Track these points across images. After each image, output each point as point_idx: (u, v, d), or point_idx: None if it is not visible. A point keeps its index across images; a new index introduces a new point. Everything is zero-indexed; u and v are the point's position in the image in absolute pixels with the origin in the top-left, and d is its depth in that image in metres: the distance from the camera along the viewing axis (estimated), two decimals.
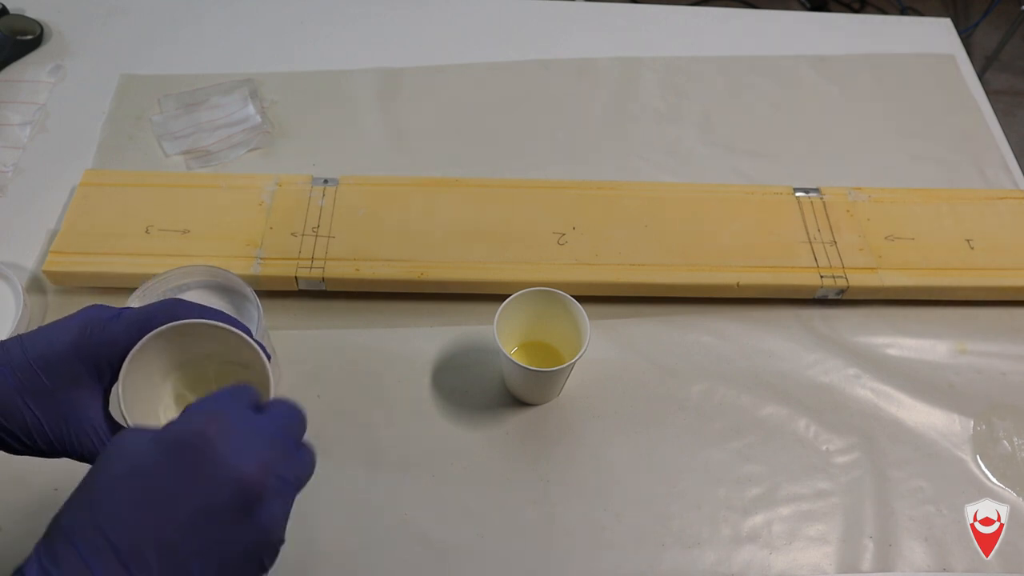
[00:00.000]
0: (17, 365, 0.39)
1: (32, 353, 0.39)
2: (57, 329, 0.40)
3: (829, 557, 0.57)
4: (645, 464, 0.60)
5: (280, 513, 0.35)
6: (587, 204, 0.71)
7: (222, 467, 0.33)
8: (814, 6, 2.13)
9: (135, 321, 0.40)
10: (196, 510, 0.33)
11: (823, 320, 0.69)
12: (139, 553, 0.32)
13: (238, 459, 0.33)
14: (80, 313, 0.41)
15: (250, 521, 0.34)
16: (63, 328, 0.40)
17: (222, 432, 0.34)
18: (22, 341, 0.40)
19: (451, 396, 0.63)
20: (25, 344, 0.40)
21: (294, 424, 0.38)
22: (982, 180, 0.80)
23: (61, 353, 0.39)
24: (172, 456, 0.33)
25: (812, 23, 0.97)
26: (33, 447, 0.40)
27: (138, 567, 0.31)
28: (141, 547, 0.32)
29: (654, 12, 0.97)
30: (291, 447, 0.37)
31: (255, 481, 0.33)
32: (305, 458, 0.37)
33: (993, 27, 2.01)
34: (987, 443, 0.63)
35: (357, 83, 0.86)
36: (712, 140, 0.82)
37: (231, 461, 0.33)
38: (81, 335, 0.40)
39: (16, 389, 0.39)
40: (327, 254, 0.66)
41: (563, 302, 0.59)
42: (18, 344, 0.40)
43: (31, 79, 0.84)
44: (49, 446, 0.40)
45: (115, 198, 0.70)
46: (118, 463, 0.34)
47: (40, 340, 0.40)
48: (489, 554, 0.56)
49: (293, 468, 0.36)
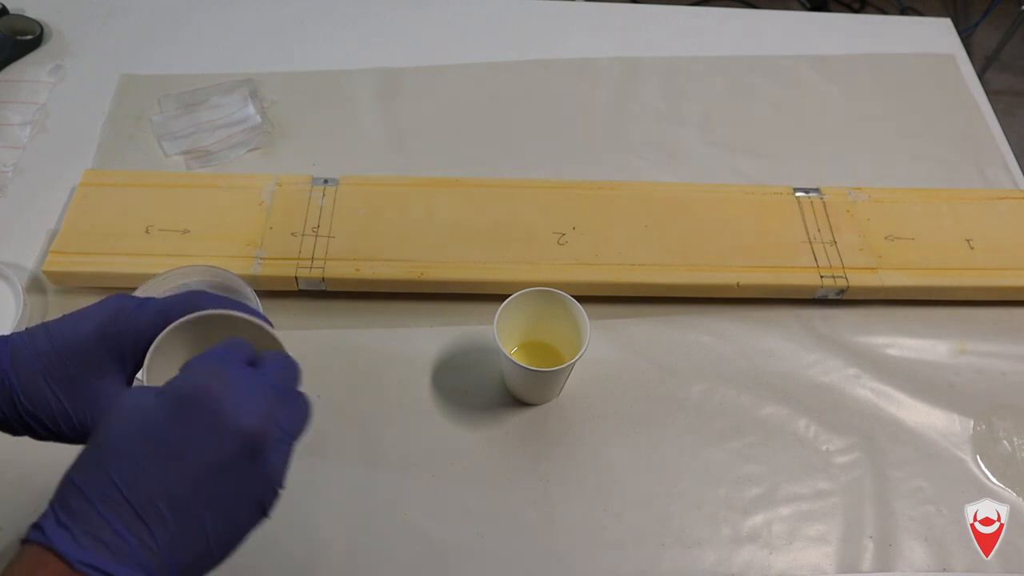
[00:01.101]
0: (42, 351, 0.40)
1: (57, 340, 0.40)
2: (82, 317, 0.41)
3: (829, 557, 0.57)
4: (645, 464, 0.60)
5: (281, 461, 0.37)
6: (587, 204, 0.71)
7: (226, 419, 0.34)
8: (814, 6, 2.13)
9: (159, 311, 0.41)
10: (203, 462, 0.34)
11: (823, 320, 0.69)
12: (153, 505, 0.33)
13: (240, 411, 0.35)
14: (105, 302, 0.42)
15: (254, 469, 0.35)
16: (88, 316, 0.41)
17: (223, 386, 0.35)
18: (47, 328, 0.41)
19: (451, 396, 0.63)
20: (50, 331, 0.40)
21: (290, 375, 0.39)
22: (982, 180, 0.80)
23: (86, 341, 0.40)
24: (178, 411, 0.34)
25: (812, 23, 0.97)
26: (58, 433, 0.41)
27: (153, 519, 0.33)
28: (154, 499, 0.33)
29: (654, 12, 0.97)
30: (288, 398, 0.38)
31: (257, 431, 0.35)
32: (301, 407, 0.39)
33: (993, 27, 2.01)
34: (987, 443, 0.63)
35: (357, 83, 0.86)
36: (712, 140, 0.82)
37: (234, 414, 0.34)
38: (106, 323, 0.40)
39: (42, 375, 0.39)
40: (327, 254, 0.66)
41: (563, 302, 0.59)
42: (43, 331, 0.41)
43: (31, 79, 0.84)
44: (73, 431, 0.40)
45: (115, 198, 0.70)
46: (126, 421, 0.35)
47: (65, 327, 0.41)
48: (489, 554, 0.56)
49: (291, 417, 0.38)
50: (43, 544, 0.32)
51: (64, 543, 0.32)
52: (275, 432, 0.36)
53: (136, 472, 0.33)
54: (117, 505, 0.32)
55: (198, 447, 0.34)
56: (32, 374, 0.39)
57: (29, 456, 0.57)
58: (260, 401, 0.36)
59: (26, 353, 0.40)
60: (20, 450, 0.57)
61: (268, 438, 0.35)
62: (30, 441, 0.41)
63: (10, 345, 0.40)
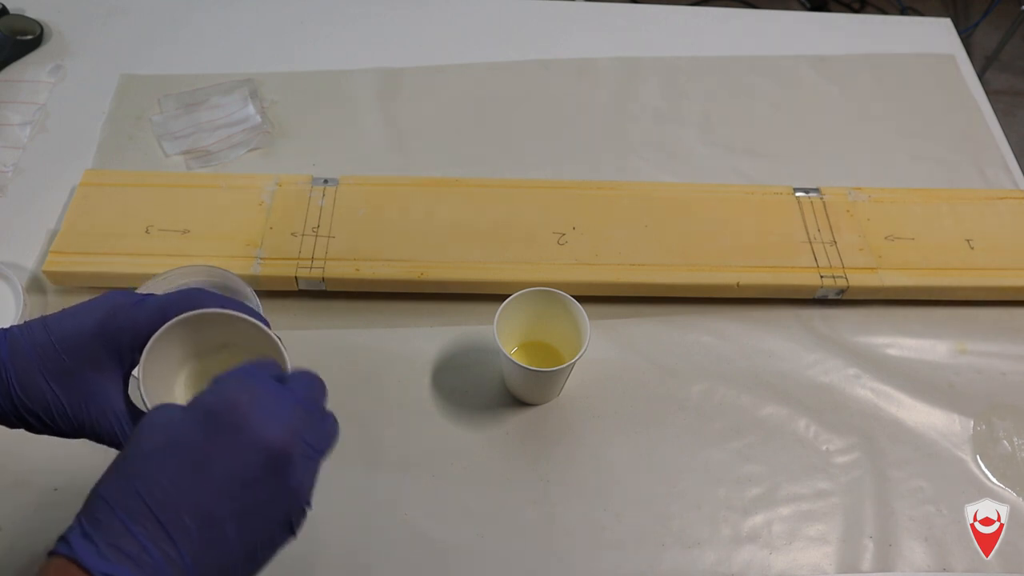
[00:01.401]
0: (40, 345, 0.40)
1: (55, 334, 0.40)
2: (80, 312, 0.41)
3: (829, 557, 0.57)
4: (645, 464, 0.60)
5: (308, 478, 0.37)
6: (587, 204, 0.71)
7: (253, 435, 0.34)
8: (814, 6, 2.13)
9: (157, 308, 0.41)
10: (231, 476, 0.34)
11: (823, 320, 0.69)
12: (179, 518, 0.33)
13: (267, 426, 0.35)
14: (103, 298, 0.42)
15: (280, 485, 0.35)
16: (86, 311, 0.41)
17: (251, 401, 0.35)
18: (45, 322, 0.41)
19: (451, 396, 0.63)
20: (49, 325, 0.40)
21: (316, 393, 0.39)
22: (982, 180, 0.80)
23: (84, 336, 0.40)
24: (206, 426, 0.34)
25: (812, 23, 0.97)
26: (54, 427, 0.41)
27: (178, 532, 0.33)
28: (180, 512, 0.33)
29: (654, 12, 0.97)
30: (316, 415, 0.38)
31: (284, 446, 0.35)
32: (329, 425, 0.39)
33: (993, 27, 2.01)
34: (987, 443, 0.63)
35: (357, 83, 0.86)
36: (712, 140, 0.82)
37: (261, 429, 0.34)
38: (104, 320, 0.40)
39: (39, 369, 0.40)
40: (327, 254, 0.66)
41: (563, 302, 0.59)
42: (41, 325, 0.41)
43: (31, 79, 0.84)
44: (69, 426, 0.41)
45: (115, 198, 0.70)
46: (154, 435, 0.35)
47: (64, 322, 0.41)
48: (489, 554, 0.56)
49: (319, 434, 0.37)
50: (68, 556, 0.32)
51: (88, 555, 0.32)
52: (302, 448, 0.36)
53: (163, 484, 0.33)
54: (143, 518, 0.32)
55: (226, 460, 0.34)
56: (29, 367, 0.39)
57: (29, 456, 0.57)
58: (288, 416, 0.36)
59: (23, 346, 0.40)
60: (20, 450, 0.57)
61: (295, 453, 0.35)
62: (31, 441, 0.41)
63: (8, 338, 0.40)
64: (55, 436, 0.41)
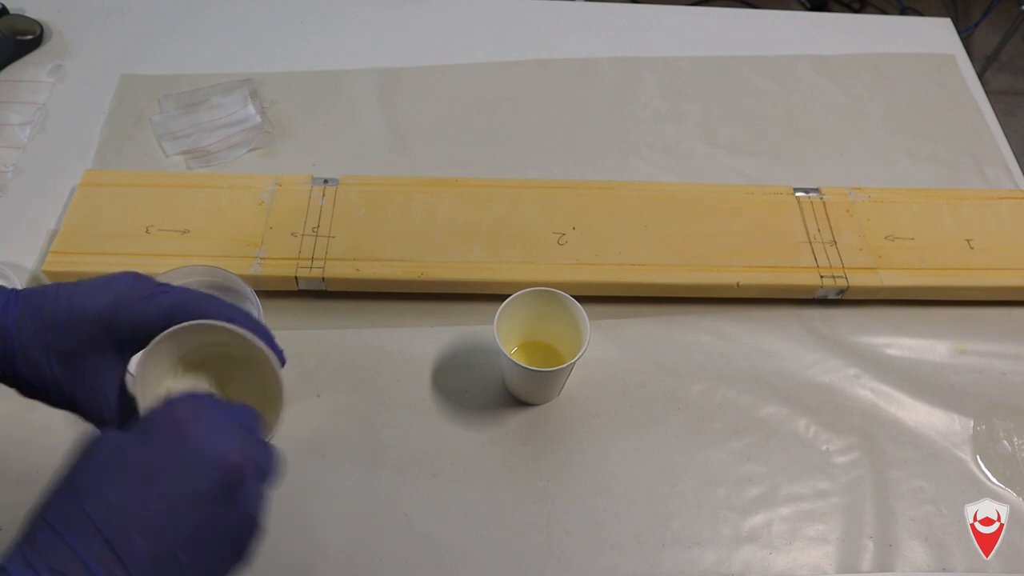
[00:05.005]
0: (47, 319, 0.40)
1: (63, 312, 0.40)
2: (92, 293, 0.41)
3: (829, 557, 0.57)
4: (645, 464, 0.60)
5: (259, 499, 0.36)
6: (587, 204, 0.71)
7: (203, 450, 0.34)
8: (814, 6, 2.13)
9: (166, 311, 0.41)
10: (181, 493, 0.33)
11: (823, 320, 0.69)
12: (127, 538, 0.32)
13: (217, 443, 0.34)
14: (117, 281, 0.41)
15: (232, 505, 0.34)
16: (98, 293, 0.41)
17: (199, 417, 0.35)
18: (57, 294, 0.40)
19: (451, 396, 0.63)
20: (60, 298, 0.40)
21: (254, 421, 0.39)
22: (982, 180, 0.80)
23: (90, 321, 0.40)
24: (155, 441, 0.34)
25: (812, 23, 0.97)
26: (46, 397, 0.41)
27: (128, 553, 0.31)
28: (129, 531, 0.32)
29: (654, 12, 0.97)
30: (259, 439, 0.38)
31: (235, 464, 0.34)
32: (273, 452, 0.38)
33: (993, 27, 2.01)
34: (987, 443, 0.63)
35: (357, 83, 0.86)
36: (712, 140, 0.82)
37: (212, 445, 0.34)
38: (112, 309, 0.40)
39: (41, 343, 0.39)
40: (327, 254, 0.66)
41: (563, 302, 0.59)
42: (53, 295, 0.40)
43: (31, 79, 0.84)
44: (61, 399, 0.41)
45: (115, 198, 0.70)
46: (100, 452, 0.34)
47: (74, 299, 0.40)
48: (489, 554, 0.56)
49: (265, 456, 0.37)
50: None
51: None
52: (252, 467, 0.36)
53: (111, 501, 0.32)
54: (90, 538, 0.31)
55: (175, 476, 0.33)
56: (33, 343, 0.39)
57: (29, 456, 0.57)
58: (237, 434, 0.36)
59: (29, 316, 0.40)
60: (21, 450, 0.57)
61: (245, 471, 0.35)
62: (31, 441, 0.41)
63: (18, 303, 0.40)
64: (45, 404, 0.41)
